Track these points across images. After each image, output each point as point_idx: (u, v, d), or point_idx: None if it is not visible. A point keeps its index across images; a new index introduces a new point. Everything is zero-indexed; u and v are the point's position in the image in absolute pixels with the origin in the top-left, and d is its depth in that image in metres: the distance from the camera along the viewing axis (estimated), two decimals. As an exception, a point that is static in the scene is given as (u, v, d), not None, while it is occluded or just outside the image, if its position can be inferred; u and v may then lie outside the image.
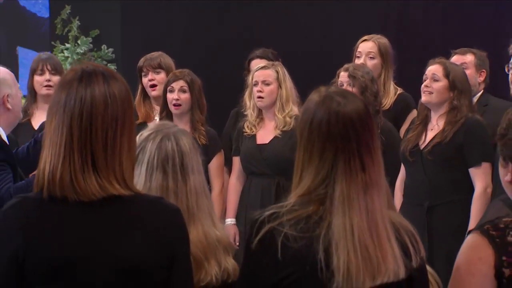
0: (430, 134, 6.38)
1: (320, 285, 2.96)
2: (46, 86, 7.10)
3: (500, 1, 10.23)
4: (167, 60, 7.25)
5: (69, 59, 10.04)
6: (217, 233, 3.44)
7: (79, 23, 10.17)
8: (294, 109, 6.76)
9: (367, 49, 7.14)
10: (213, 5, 10.45)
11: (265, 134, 6.77)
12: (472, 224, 6.13)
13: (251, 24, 10.44)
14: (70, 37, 10.15)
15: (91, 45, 10.15)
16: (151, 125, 3.65)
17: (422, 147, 6.37)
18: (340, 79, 6.59)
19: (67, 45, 10.11)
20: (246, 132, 6.81)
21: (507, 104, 6.88)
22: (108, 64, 9.83)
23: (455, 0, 10.39)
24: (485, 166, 6.23)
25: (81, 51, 10.10)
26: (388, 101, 6.98)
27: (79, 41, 10.14)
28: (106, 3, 10.27)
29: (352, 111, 3.08)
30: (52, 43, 10.24)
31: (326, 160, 3.05)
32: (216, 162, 6.90)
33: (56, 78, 7.08)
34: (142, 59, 7.29)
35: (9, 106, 5.23)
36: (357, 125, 3.07)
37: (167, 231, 2.96)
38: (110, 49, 10.18)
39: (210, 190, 6.66)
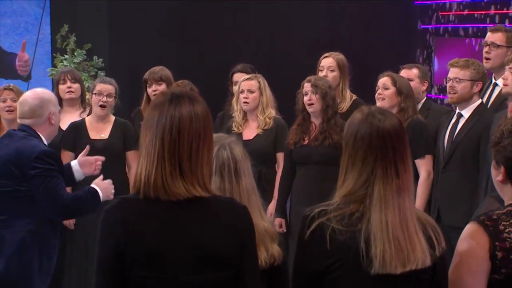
0: None
1: (361, 270, 2.95)
2: (68, 92, 7.07)
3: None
4: (167, 72, 7.20)
5: (67, 67, 10.00)
6: (264, 224, 3.40)
7: (75, 39, 10.11)
8: (272, 112, 6.83)
9: (327, 63, 7.14)
10: (194, 26, 10.53)
11: (250, 132, 6.80)
12: (418, 202, 6.14)
13: (231, 38, 10.59)
14: (68, 50, 10.11)
15: (85, 56, 10.11)
16: None
17: None
18: (304, 89, 6.56)
19: (66, 56, 10.06)
20: (234, 130, 6.78)
21: (445, 109, 6.97)
22: (98, 71, 9.85)
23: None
24: (428, 158, 6.28)
25: (77, 61, 10.05)
26: (345, 105, 6.98)
27: (75, 53, 10.08)
28: (97, 22, 10.25)
29: (390, 127, 3.04)
30: (54, 54, 10.21)
31: (367, 166, 3.02)
32: None
33: (75, 86, 7.11)
34: (146, 73, 7.23)
35: (52, 122, 5.18)
36: (393, 139, 3.04)
37: (237, 225, 2.96)
38: (100, 59, 10.15)
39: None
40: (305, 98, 6.52)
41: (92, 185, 5.19)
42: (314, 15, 10.82)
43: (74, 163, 5.37)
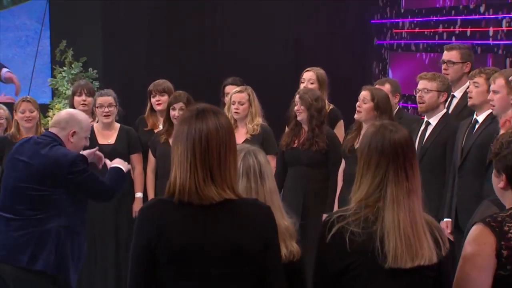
0: (361, 138, 6.40)
1: (377, 266, 2.95)
2: (82, 104, 7.04)
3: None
4: (169, 85, 7.18)
5: (66, 78, 9.96)
6: (285, 223, 3.38)
7: (72, 53, 10.05)
8: (260, 120, 6.83)
9: (308, 77, 7.17)
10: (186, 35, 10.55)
11: (239, 137, 6.68)
12: None
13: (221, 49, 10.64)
14: (66, 63, 10.03)
15: (81, 68, 10.05)
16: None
17: (356, 147, 6.27)
18: (295, 99, 6.61)
19: (64, 68, 10.00)
20: None
21: (415, 117, 7.05)
22: (93, 82, 9.80)
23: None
24: None
25: (74, 73, 9.99)
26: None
27: (73, 65, 10.00)
28: (92, 38, 10.21)
29: (401, 137, 3.06)
30: (53, 67, 10.15)
31: (380, 169, 3.03)
32: None
33: (89, 99, 7.05)
34: (151, 85, 7.21)
35: (72, 140, 5.10)
36: (404, 147, 3.04)
37: (262, 223, 2.95)
38: (95, 71, 10.09)
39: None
40: (296, 108, 6.58)
41: (112, 165, 5.37)
42: (274, 32, 10.87)
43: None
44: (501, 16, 8.87)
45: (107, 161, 5.45)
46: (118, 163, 5.37)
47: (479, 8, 9.28)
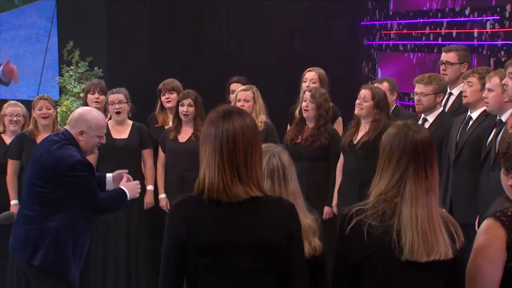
0: (360, 134, 6.38)
1: (394, 258, 2.94)
2: (95, 101, 7.03)
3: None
4: (177, 83, 7.19)
5: (73, 76, 9.93)
6: (307, 221, 3.36)
7: (79, 52, 10.03)
8: (264, 117, 6.84)
9: (310, 76, 7.17)
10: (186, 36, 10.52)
11: None
12: None
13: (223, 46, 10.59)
14: (73, 62, 10.01)
15: (87, 67, 10.04)
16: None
17: (355, 142, 6.37)
18: (305, 96, 6.60)
19: (71, 67, 10.01)
20: None
21: (412, 114, 7.08)
22: (99, 80, 9.80)
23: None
24: None
25: (81, 71, 9.97)
26: None
27: (79, 65, 9.98)
28: (97, 39, 10.20)
29: (422, 137, 3.03)
30: (61, 66, 10.14)
31: (400, 166, 3.00)
32: None
33: (102, 97, 7.06)
34: (160, 84, 7.21)
35: (80, 139, 4.93)
36: (425, 147, 3.02)
37: (287, 219, 2.93)
38: (100, 70, 10.09)
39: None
40: (303, 104, 6.58)
41: (121, 186, 5.10)
42: (270, 33, 10.87)
43: (108, 176, 5.23)
44: (485, 18, 8.90)
45: (124, 180, 5.19)
46: (127, 186, 5.10)
47: (464, 11, 9.30)
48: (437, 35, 9.74)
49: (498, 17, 8.70)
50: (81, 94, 9.81)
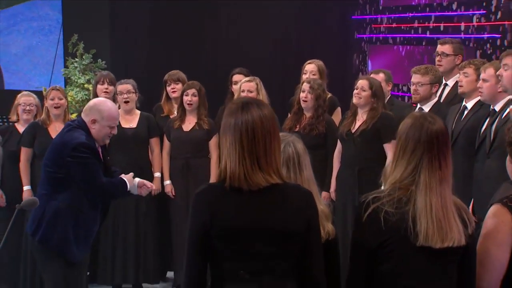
0: (358, 123, 6.38)
1: (409, 243, 2.92)
2: (104, 91, 7.00)
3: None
4: (182, 75, 7.18)
5: (77, 68, 9.92)
6: (321, 207, 3.30)
7: (83, 45, 10.05)
8: (267, 107, 6.86)
9: (310, 68, 7.12)
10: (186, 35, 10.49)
11: None
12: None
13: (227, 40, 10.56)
14: (78, 54, 10.04)
15: (91, 59, 10.05)
16: None
17: (353, 131, 6.36)
18: (303, 87, 6.59)
19: (76, 59, 10.00)
20: None
21: (406, 104, 7.10)
22: (102, 71, 9.76)
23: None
24: (394, 142, 5.84)
25: (85, 63, 9.98)
26: None
27: (83, 57, 10.01)
28: (101, 33, 10.22)
29: (437, 128, 2.98)
30: (66, 58, 10.13)
31: (415, 157, 2.95)
32: (214, 140, 6.82)
33: (111, 88, 7.03)
34: (166, 75, 7.19)
35: (92, 127, 4.90)
36: (440, 137, 2.97)
37: (305, 207, 2.90)
38: (103, 62, 10.11)
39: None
40: (302, 95, 6.56)
41: (122, 177, 5.06)
42: (267, 26, 10.87)
43: (136, 180, 5.15)
44: (472, 12, 8.90)
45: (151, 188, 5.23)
46: (127, 178, 5.04)
47: (451, 5, 9.30)
48: (425, 29, 9.75)
49: (484, 11, 8.70)
50: (86, 85, 9.80)
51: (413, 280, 2.96)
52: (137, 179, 5.14)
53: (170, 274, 7.22)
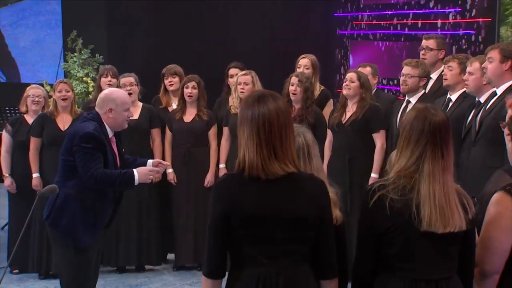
0: (348, 114, 6.37)
1: (414, 229, 2.90)
2: (107, 84, 6.89)
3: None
4: (179, 69, 7.13)
5: (76, 62, 9.84)
6: (330, 194, 3.21)
7: (82, 41, 9.99)
8: (261, 100, 6.83)
9: (304, 63, 7.07)
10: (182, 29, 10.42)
11: None
12: (375, 166, 6.22)
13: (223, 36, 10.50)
14: (76, 49, 9.98)
15: (89, 54, 9.98)
16: None
17: (343, 121, 6.35)
18: (292, 80, 6.55)
19: (75, 54, 9.92)
20: (231, 112, 6.75)
21: (391, 96, 7.09)
22: (99, 65, 9.68)
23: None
24: (382, 132, 6.28)
25: (84, 58, 9.92)
26: (316, 93, 6.91)
27: (82, 52, 9.95)
28: (98, 29, 10.15)
29: (440, 120, 2.95)
30: (65, 53, 10.04)
31: (419, 146, 2.92)
32: (213, 130, 6.84)
33: (114, 80, 6.95)
34: (164, 69, 7.14)
35: (110, 115, 4.82)
36: (442, 129, 2.94)
37: (319, 196, 2.90)
38: (101, 56, 10.05)
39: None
40: (291, 88, 6.52)
41: (134, 169, 4.87)
42: (255, 23, 10.86)
43: (150, 161, 5.05)
44: (448, 10, 8.94)
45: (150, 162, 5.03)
46: (140, 171, 4.85)
47: (428, 3, 9.34)
48: (403, 26, 9.78)
49: (459, 9, 8.74)
50: (84, 78, 9.72)
51: (417, 262, 2.96)
52: (150, 161, 5.08)
53: (170, 256, 7.18)
